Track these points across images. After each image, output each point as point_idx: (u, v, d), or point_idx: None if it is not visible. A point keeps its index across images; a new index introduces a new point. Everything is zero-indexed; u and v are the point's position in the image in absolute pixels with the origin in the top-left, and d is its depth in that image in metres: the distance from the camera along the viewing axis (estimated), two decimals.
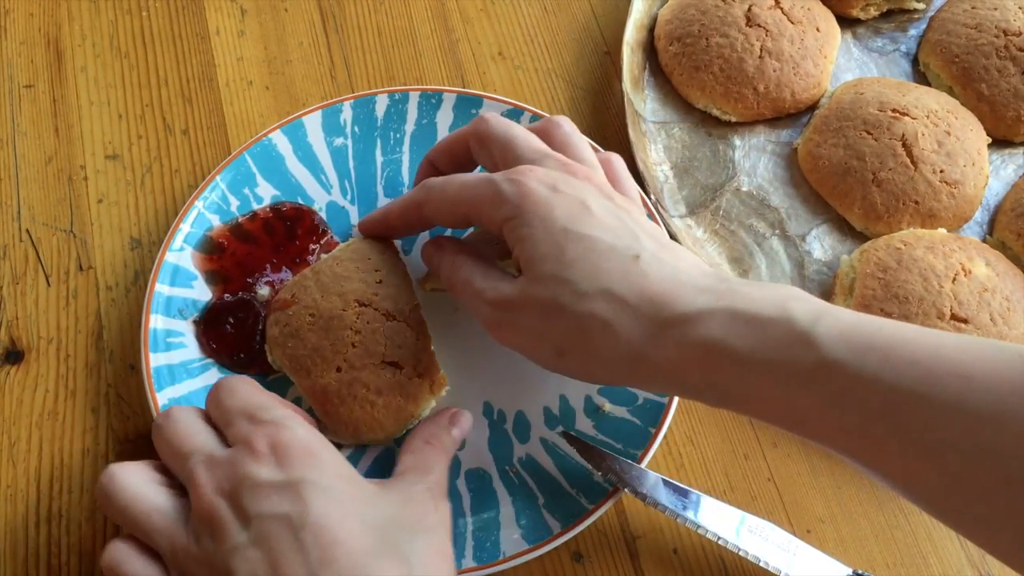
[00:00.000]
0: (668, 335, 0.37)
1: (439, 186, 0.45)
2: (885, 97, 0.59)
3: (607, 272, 0.39)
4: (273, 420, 0.40)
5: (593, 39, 0.66)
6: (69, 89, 0.62)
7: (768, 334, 0.35)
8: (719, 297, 0.37)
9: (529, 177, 0.41)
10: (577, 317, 0.39)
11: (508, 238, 0.41)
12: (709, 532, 0.47)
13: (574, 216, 0.40)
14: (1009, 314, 0.52)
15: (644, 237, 0.40)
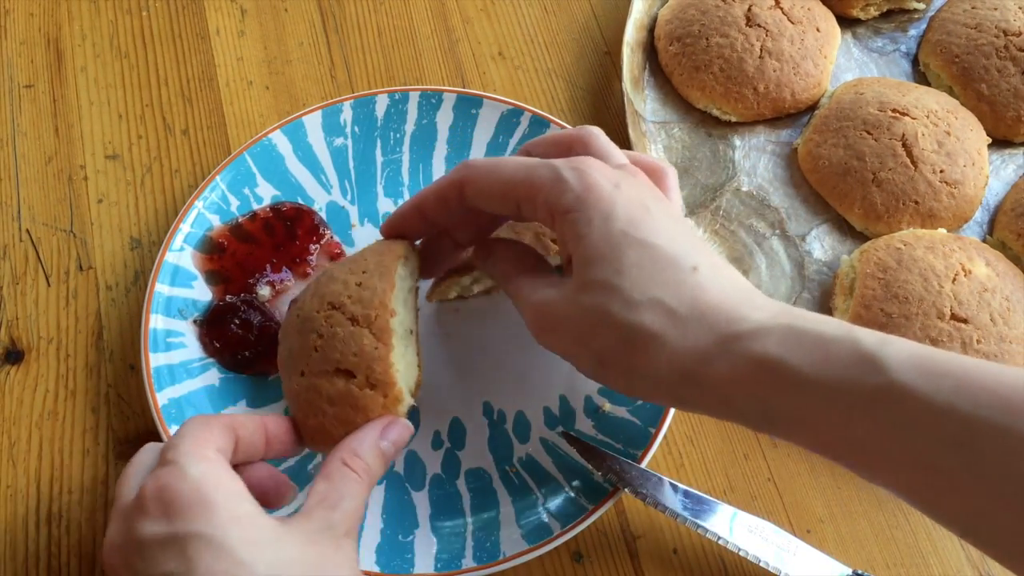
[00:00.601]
0: (721, 351, 0.35)
1: (488, 165, 0.41)
2: (885, 97, 0.59)
3: (662, 282, 0.36)
4: (171, 460, 0.36)
5: (593, 39, 0.66)
6: (69, 89, 0.62)
7: (831, 353, 0.33)
8: (776, 315, 0.35)
9: (593, 169, 0.39)
10: (624, 327, 0.36)
11: (562, 231, 0.39)
12: (709, 532, 0.47)
13: (635, 219, 0.37)
14: (1009, 314, 0.52)
15: (701, 248, 0.38)
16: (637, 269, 0.36)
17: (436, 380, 0.52)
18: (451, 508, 0.49)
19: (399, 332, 0.42)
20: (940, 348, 0.50)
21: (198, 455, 0.36)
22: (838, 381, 0.33)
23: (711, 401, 0.36)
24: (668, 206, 0.40)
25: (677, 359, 0.36)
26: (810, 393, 0.33)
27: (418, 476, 0.50)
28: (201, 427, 0.38)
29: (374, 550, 0.47)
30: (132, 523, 0.35)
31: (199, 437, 0.37)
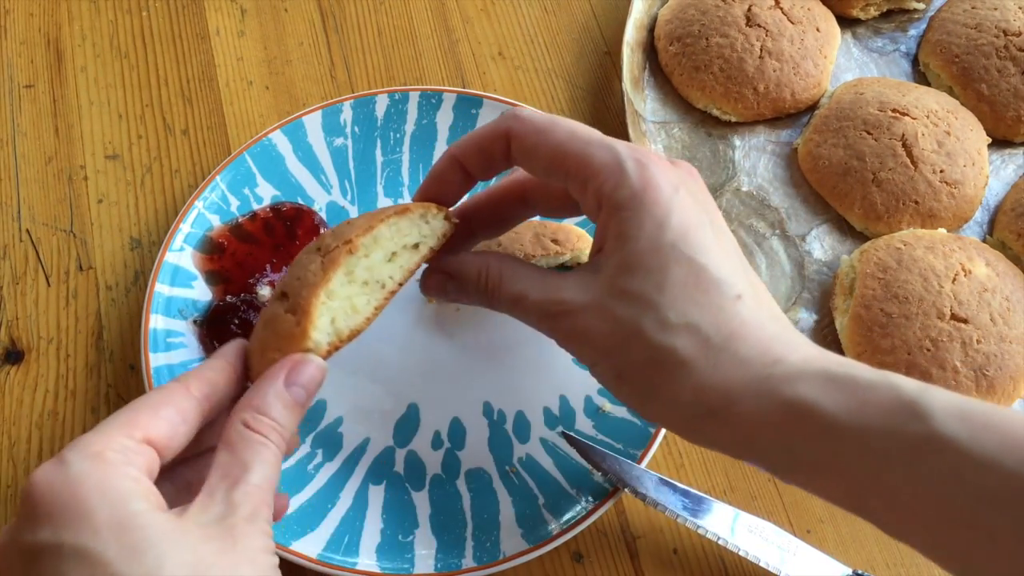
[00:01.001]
0: (751, 390, 0.33)
1: (538, 124, 0.37)
2: (885, 97, 0.59)
3: (702, 306, 0.34)
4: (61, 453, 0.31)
5: (593, 39, 0.66)
6: (69, 89, 0.62)
7: (868, 398, 0.32)
8: (811, 358, 0.34)
9: (654, 164, 0.36)
10: (654, 348, 0.34)
11: (606, 225, 0.36)
12: (709, 532, 0.47)
13: (688, 231, 0.35)
14: (1009, 314, 0.52)
15: (746, 273, 0.36)
16: (680, 288, 0.34)
17: (436, 380, 0.52)
18: (451, 508, 0.49)
19: (358, 275, 0.38)
20: (940, 348, 0.51)
21: (90, 449, 0.31)
22: (875, 428, 0.31)
23: (731, 439, 0.34)
24: (720, 219, 0.37)
25: (703, 391, 0.34)
26: (843, 439, 0.32)
27: (418, 476, 0.50)
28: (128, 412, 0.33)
29: (374, 550, 0.47)
30: (15, 524, 0.30)
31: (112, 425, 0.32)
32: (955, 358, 0.51)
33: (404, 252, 0.40)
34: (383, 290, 0.40)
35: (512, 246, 0.53)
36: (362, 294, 0.39)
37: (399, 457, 0.50)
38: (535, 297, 0.37)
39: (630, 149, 0.36)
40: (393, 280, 0.40)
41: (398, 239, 0.40)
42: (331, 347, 0.37)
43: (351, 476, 0.50)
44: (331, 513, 0.48)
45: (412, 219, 0.39)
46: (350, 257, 0.38)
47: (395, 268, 0.40)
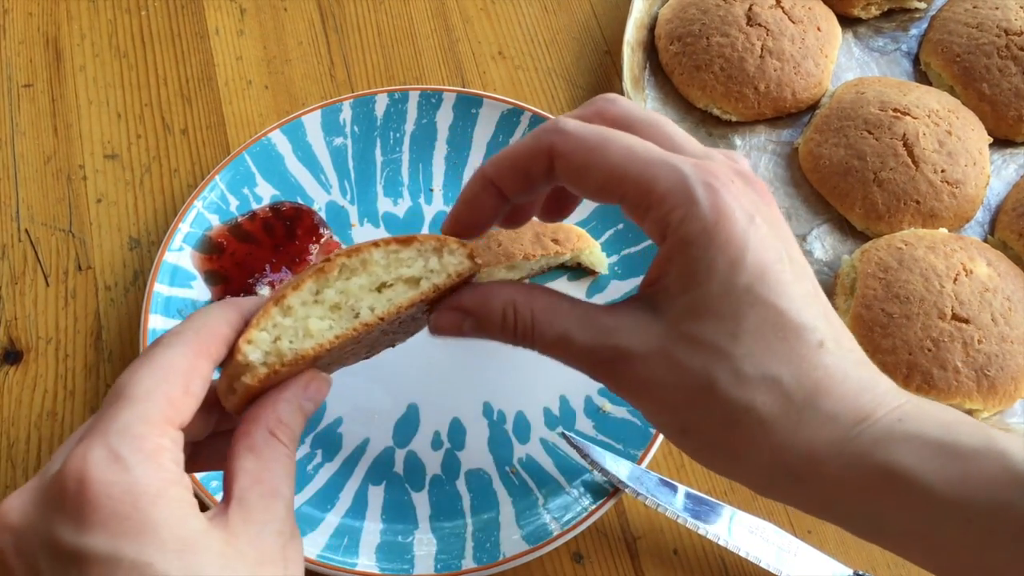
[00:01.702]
0: (836, 452, 0.30)
1: (589, 140, 0.32)
2: (886, 97, 0.59)
3: (782, 357, 0.30)
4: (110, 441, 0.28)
5: (593, 38, 0.66)
6: (68, 88, 0.61)
7: (971, 468, 0.29)
8: (903, 415, 0.30)
9: (729, 189, 0.31)
10: (729, 405, 0.30)
11: (671, 262, 0.31)
12: (710, 533, 0.47)
13: (765, 270, 0.31)
14: (1010, 314, 0.52)
15: (828, 313, 0.32)
16: (757, 337, 0.30)
17: (436, 380, 0.52)
18: (451, 509, 0.49)
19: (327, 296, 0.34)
20: (941, 348, 0.51)
21: (144, 446, 0.28)
22: (980, 503, 0.28)
23: (811, 501, 0.32)
24: (797, 250, 0.33)
25: (784, 452, 0.30)
26: (942, 512, 0.29)
27: (418, 477, 0.50)
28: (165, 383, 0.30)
29: (374, 550, 0.47)
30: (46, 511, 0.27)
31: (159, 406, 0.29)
32: (956, 358, 0.51)
33: (398, 285, 0.35)
34: (355, 320, 0.34)
35: (512, 246, 0.52)
36: (326, 318, 0.34)
37: (399, 457, 0.50)
38: (583, 341, 0.32)
39: (698, 170, 0.31)
40: (373, 313, 0.34)
41: (394, 268, 0.34)
42: (269, 368, 0.32)
43: (351, 476, 0.49)
44: (331, 513, 0.48)
45: (419, 250, 0.34)
46: (321, 275, 0.33)
47: (380, 300, 0.34)
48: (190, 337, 0.31)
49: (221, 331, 0.32)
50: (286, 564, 0.30)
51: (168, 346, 0.30)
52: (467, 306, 0.34)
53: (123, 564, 0.26)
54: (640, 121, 0.34)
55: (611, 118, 0.34)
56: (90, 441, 0.28)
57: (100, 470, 0.27)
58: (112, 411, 0.29)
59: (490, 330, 0.34)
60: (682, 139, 0.34)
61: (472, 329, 0.34)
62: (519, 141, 0.34)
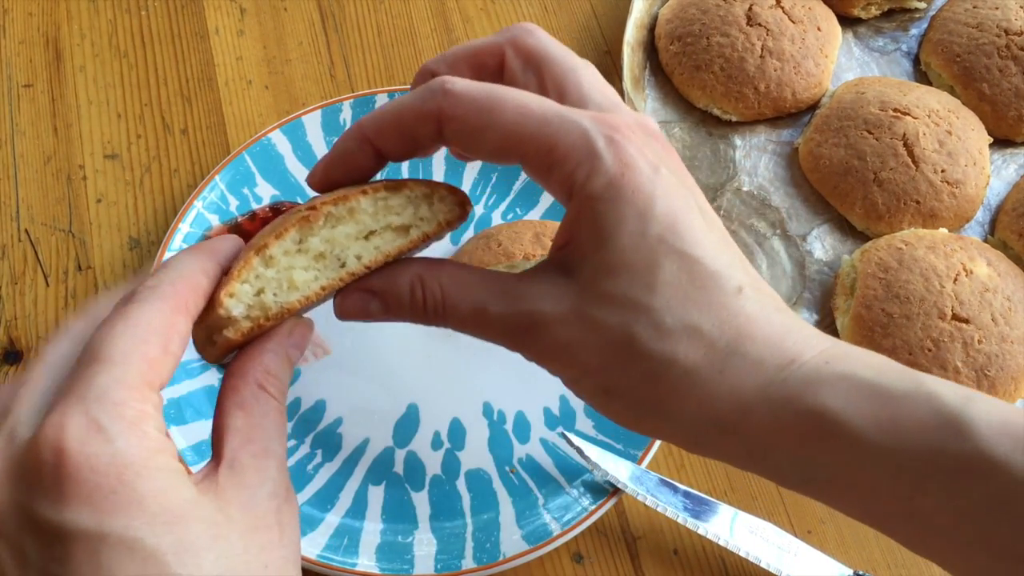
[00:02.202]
0: (763, 397, 0.29)
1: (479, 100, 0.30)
2: (886, 96, 0.59)
3: (701, 305, 0.29)
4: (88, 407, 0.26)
5: (593, 38, 0.66)
6: (68, 88, 0.61)
7: (901, 411, 0.28)
8: (829, 357, 0.30)
9: (632, 141, 0.30)
10: (652, 359, 0.29)
11: (577, 218, 0.30)
12: (710, 533, 0.47)
13: (675, 220, 0.30)
14: (1011, 314, 0.52)
15: (742, 261, 0.31)
16: (673, 288, 0.29)
17: (436, 380, 0.52)
18: (451, 509, 0.49)
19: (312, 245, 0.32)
20: (941, 348, 0.51)
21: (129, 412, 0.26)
22: (910, 447, 0.28)
23: (740, 452, 0.31)
24: (703, 199, 0.32)
25: (711, 402, 0.30)
26: (871, 457, 0.28)
27: (418, 477, 0.50)
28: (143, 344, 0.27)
29: (374, 550, 0.47)
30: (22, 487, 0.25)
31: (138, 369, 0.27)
32: (956, 358, 0.51)
33: (386, 233, 0.33)
34: (341, 269, 0.32)
35: (512, 246, 0.52)
36: (310, 268, 0.32)
37: (399, 457, 0.50)
38: (498, 311, 0.31)
39: (599, 123, 0.30)
40: (359, 261, 0.33)
41: (383, 216, 0.33)
42: (253, 322, 0.30)
43: (351, 477, 0.49)
44: (331, 513, 0.48)
45: (409, 196, 0.33)
46: (306, 224, 0.31)
47: (368, 248, 0.33)
48: (166, 291, 0.29)
49: (199, 283, 0.30)
50: (281, 529, 0.29)
51: (143, 302, 0.28)
52: (372, 286, 0.32)
53: (109, 539, 0.25)
54: (553, 61, 0.33)
55: (525, 51, 0.33)
56: (65, 408, 0.26)
57: (80, 441, 0.25)
58: (87, 374, 0.26)
59: (399, 310, 0.32)
60: (589, 87, 0.32)
61: (380, 310, 0.32)
62: (402, 99, 0.31)
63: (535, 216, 0.57)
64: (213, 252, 0.31)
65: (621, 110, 0.32)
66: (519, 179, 0.57)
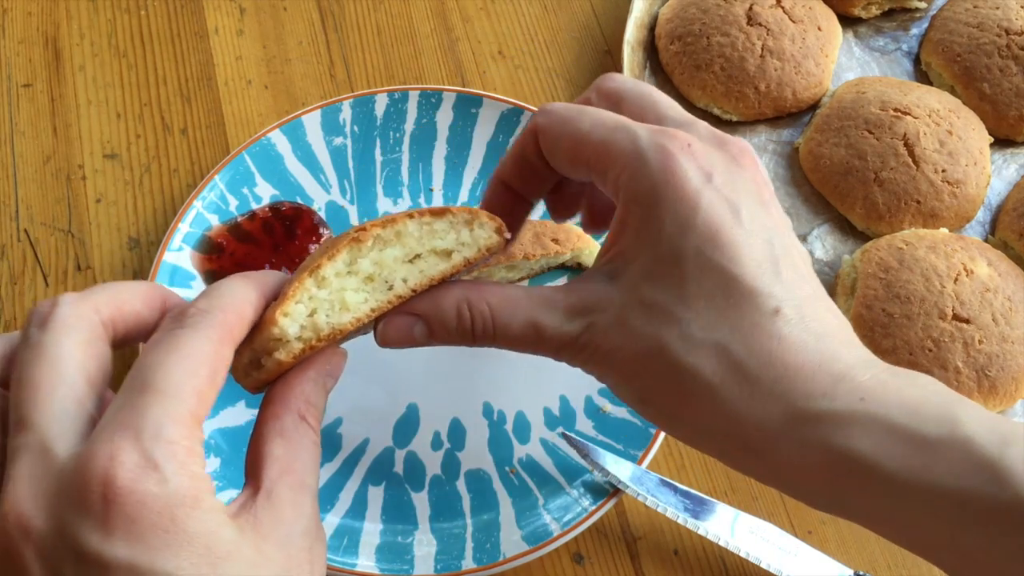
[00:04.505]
0: (792, 431, 0.29)
1: (566, 112, 0.33)
2: (887, 96, 0.59)
3: (732, 322, 0.29)
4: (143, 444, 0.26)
5: (593, 38, 0.66)
6: (67, 88, 0.61)
7: (936, 457, 0.28)
8: (864, 394, 0.29)
9: (683, 150, 0.30)
10: (676, 370, 0.29)
11: (624, 225, 0.31)
12: (710, 533, 0.47)
13: (716, 232, 0.30)
14: (1011, 314, 0.52)
15: (792, 278, 0.30)
16: (707, 302, 0.29)
17: (436, 380, 0.52)
18: (451, 509, 0.49)
19: (363, 267, 0.33)
20: (942, 348, 0.50)
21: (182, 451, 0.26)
22: (945, 492, 0.27)
23: (769, 476, 0.31)
24: (767, 212, 0.31)
25: (737, 424, 0.29)
26: (906, 499, 0.28)
27: (418, 477, 0.50)
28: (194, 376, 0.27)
29: (374, 551, 0.47)
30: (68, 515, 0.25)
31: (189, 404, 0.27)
32: (957, 358, 0.50)
33: (431, 257, 0.34)
34: (389, 292, 0.33)
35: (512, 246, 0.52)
36: (361, 290, 0.33)
37: (399, 458, 0.50)
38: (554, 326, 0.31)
39: (655, 133, 0.31)
40: (406, 284, 0.34)
41: (427, 240, 0.34)
42: (305, 343, 0.31)
43: (350, 477, 0.49)
44: (331, 514, 0.48)
45: (452, 222, 0.34)
46: (356, 245, 0.32)
47: (413, 271, 0.34)
48: (216, 319, 0.29)
49: (245, 312, 0.30)
50: (312, 568, 0.29)
51: (194, 329, 0.28)
52: (417, 309, 0.33)
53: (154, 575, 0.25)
54: (628, 92, 0.34)
55: (605, 92, 0.35)
56: (119, 441, 0.26)
57: (134, 477, 0.25)
58: (140, 405, 0.26)
59: (444, 333, 0.33)
60: (666, 108, 0.34)
61: (423, 335, 0.33)
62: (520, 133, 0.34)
63: (534, 216, 0.57)
64: (260, 283, 0.31)
65: (695, 126, 0.33)
66: None
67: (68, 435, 0.27)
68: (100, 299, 0.29)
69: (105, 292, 0.30)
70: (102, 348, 0.29)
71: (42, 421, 0.27)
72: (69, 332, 0.28)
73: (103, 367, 0.29)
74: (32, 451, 0.26)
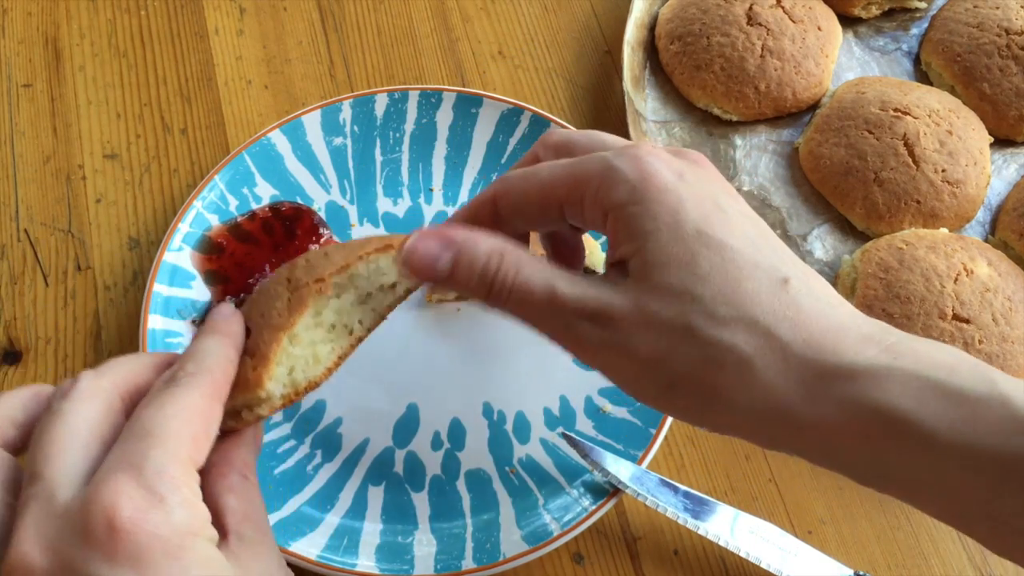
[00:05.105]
0: (828, 390, 0.29)
1: (522, 174, 0.35)
2: (887, 96, 0.59)
3: (751, 295, 0.30)
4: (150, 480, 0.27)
5: (593, 38, 0.66)
6: (67, 88, 0.61)
7: (977, 413, 0.28)
8: (896, 354, 0.29)
9: (651, 155, 0.32)
10: (709, 346, 0.30)
11: (616, 230, 0.32)
12: (710, 533, 0.47)
13: (708, 216, 0.31)
14: (1011, 314, 0.52)
15: (788, 257, 0.32)
16: (719, 277, 0.30)
17: (436, 380, 0.52)
18: (451, 509, 0.49)
19: (326, 317, 0.35)
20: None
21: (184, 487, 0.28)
22: (986, 449, 0.27)
23: (808, 446, 0.31)
24: (742, 203, 0.33)
25: (772, 393, 0.30)
26: (946, 458, 0.28)
27: (418, 477, 0.50)
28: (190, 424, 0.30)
29: (374, 551, 0.47)
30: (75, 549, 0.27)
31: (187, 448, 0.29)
32: None
33: (379, 293, 0.36)
34: (350, 336, 0.36)
35: None
36: (327, 341, 0.35)
37: (399, 458, 0.50)
38: (567, 291, 0.32)
39: (620, 149, 0.33)
40: (362, 326, 0.36)
41: (375, 278, 0.35)
42: (285, 399, 0.34)
43: (350, 477, 0.49)
44: (331, 514, 0.48)
45: (394, 257, 0.35)
46: (319, 297, 0.34)
47: (366, 311, 0.36)
48: (206, 380, 0.31)
49: (228, 372, 0.32)
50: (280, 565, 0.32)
51: (187, 387, 0.31)
52: (453, 236, 0.33)
53: None
54: (576, 138, 0.36)
55: (553, 145, 0.36)
56: (122, 477, 0.27)
57: (140, 509, 0.27)
58: (140, 448, 0.28)
59: (466, 274, 0.33)
60: (616, 140, 0.35)
61: (445, 270, 0.33)
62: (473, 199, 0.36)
63: None
64: (233, 339, 0.34)
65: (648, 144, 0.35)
66: None
67: (74, 483, 0.28)
68: (116, 373, 0.31)
69: (120, 367, 0.32)
70: (117, 417, 0.31)
71: (51, 473, 0.28)
72: (85, 401, 0.30)
73: (117, 433, 0.30)
74: (39, 499, 0.27)
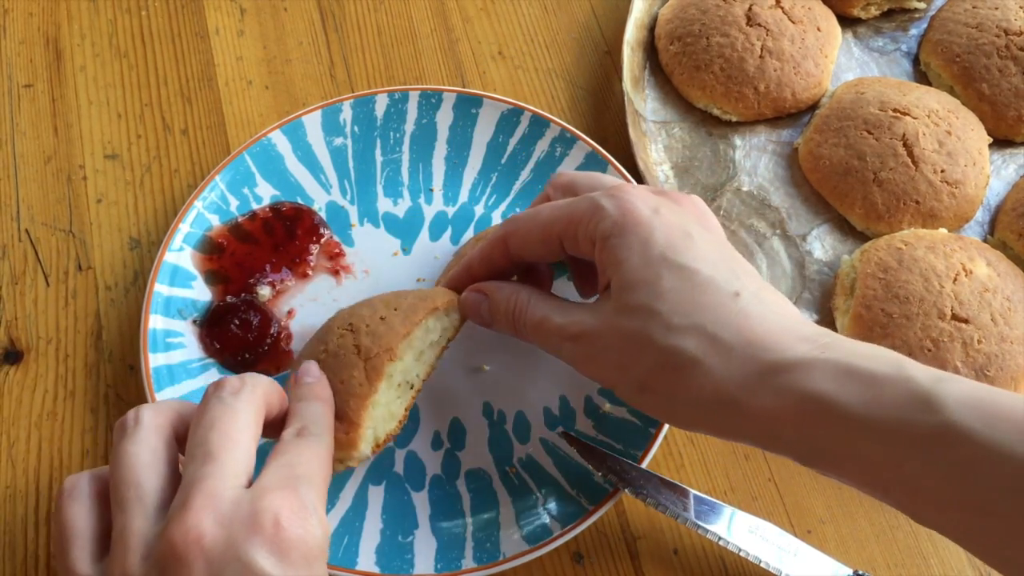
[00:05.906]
0: (766, 382, 0.34)
1: (527, 215, 0.42)
2: (886, 97, 0.59)
3: (703, 307, 0.36)
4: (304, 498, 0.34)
5: (593, 38, 0.66)
6: (68, 88, 0.61)
7: (884, 392, 0.33)
8: (824, 348, 0.35)
9: (632, 194, 0.39)
10: (664, 352, 0.36)
11: (601, 259, 0.39)
12: (709, 533, 0.47)
13: (674, 244, 0.37)
14: (1010, 314, 0.52)
15: (744, 274, 0.38)
16: (677, 293, 0.36)
17: (436, 380, 0.52)
18: (451, 509, 0.49)
19: (395, 379, 0.42)
20: (941, 348, 0.51)
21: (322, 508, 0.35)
22: (891, 421, 0.32)
23: (756, 432, 0.36)
24: (710, 232, 0.39)
25: (720, 387, 0.35)
26: (860, 431, 0.33)
27: (418, 477, 0.50)
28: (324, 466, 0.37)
29: (374, 551, 0.47)
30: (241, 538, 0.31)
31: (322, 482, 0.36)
32: (956, 358, 0.51)
33: (428, 349, 0.44)
34: (412, 390, 0.44)
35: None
36: (397, 398, 0.43)
37: (399, 457, 0.50)
38: (557, 321, 0.40)
39: (607, 191, 0.40)
40: (419, 379, 0.44)
41: (426, 338, 0.44)
42: (371, 453, 0.42)
43: (350, 477, 0.49)
44: (330, 514, 0.48)
45: (438, 316, 0.44)
46: (390, 364, 0.41)
47: (421, 366, 0.44)
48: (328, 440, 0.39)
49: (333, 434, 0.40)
50: None
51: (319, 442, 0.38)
52: (487, 290, 0.44)
53: None
54: (579, 178, 0.44)
55: (560, 185, 0.44)
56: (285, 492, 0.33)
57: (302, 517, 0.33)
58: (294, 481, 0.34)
59: (497, 315, 0.43)
60: (610, 180, 0.43)
61: (486, 313, 0.44)
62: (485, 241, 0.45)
63: None
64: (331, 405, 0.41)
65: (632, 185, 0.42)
66: (519, 180, 0.58)
67: (242, 475, 0.34)
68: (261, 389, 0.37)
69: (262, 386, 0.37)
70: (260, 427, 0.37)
71: (227, 459, 0.33)
72: (249, 404, 0.36)
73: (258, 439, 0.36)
74: (214, 479, 0.32)
